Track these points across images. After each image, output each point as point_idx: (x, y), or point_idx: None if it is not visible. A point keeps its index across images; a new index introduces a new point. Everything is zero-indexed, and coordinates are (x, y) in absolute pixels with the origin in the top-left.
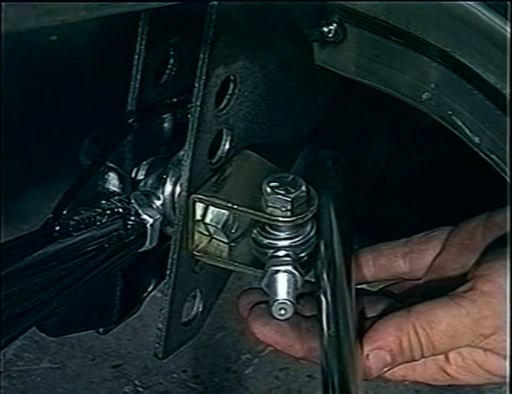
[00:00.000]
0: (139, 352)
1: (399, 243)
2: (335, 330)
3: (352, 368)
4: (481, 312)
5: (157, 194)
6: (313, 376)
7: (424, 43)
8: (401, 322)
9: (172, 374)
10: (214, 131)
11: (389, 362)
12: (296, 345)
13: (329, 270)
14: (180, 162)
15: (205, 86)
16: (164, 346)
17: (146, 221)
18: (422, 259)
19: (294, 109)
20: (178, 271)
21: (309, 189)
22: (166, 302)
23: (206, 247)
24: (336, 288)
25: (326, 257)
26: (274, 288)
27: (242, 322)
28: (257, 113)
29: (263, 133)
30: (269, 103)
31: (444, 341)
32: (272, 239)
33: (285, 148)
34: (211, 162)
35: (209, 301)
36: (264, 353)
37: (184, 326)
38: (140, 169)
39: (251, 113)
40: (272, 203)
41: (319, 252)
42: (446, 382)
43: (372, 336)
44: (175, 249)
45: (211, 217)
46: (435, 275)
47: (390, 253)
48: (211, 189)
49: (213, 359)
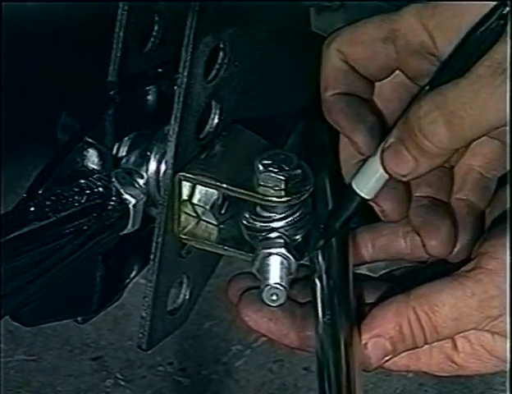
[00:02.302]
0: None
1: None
2: (330, 317)
3: (349, 359)
4: (487, 292)
5: (140, 172)
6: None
7: None
8: (401, 306)
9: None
10: (202, 104)
11: (389, 350)
12: (291, 334)
13: (324, 252)
14: (165, 138)
15: (193, 55)
16: (148, 337)
17: (128, 201)
18: None
19: (288, 81)
20: (163, 255)
21: (304, 166)
22: (150, 289)
23: (193, 229)
24: (332, 272)
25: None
26: (266, 272)
27: (232, 310)
28: (248, 85)
29: (255, 107)
30: (262, 74)
31: (448, 324)
32: (265, 221)
33: (279, 123)
34: (198, 137)
35: (197, 288)
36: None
37: (169, 315)
38: (122, 145)
39: (242, 85)
40: (265, 183)
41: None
42: (454, 372)
43: (369, 324)
44: (159, 232)
45: (198, 198)
46: None
47: (390, 232)
48: (198, 166)
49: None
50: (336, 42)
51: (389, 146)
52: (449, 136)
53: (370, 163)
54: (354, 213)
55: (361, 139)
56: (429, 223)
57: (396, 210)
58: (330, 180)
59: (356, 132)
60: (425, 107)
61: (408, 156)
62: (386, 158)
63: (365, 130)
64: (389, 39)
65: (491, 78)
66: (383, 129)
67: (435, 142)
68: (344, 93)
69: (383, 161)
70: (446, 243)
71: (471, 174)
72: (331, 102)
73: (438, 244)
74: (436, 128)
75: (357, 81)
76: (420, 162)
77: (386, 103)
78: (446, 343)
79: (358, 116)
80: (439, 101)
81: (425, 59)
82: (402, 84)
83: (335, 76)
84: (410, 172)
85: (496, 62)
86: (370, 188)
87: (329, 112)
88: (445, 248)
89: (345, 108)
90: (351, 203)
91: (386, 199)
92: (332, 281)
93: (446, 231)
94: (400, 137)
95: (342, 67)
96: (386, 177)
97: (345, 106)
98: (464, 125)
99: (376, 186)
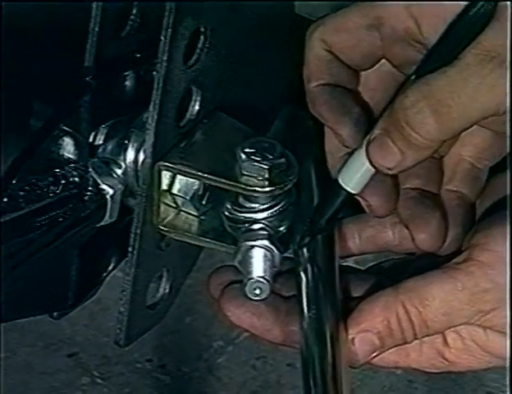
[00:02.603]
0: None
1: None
2: (316, 311)
3: (336, 355)
4: (479, 285)
5: (117, 161)
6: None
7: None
8: (389, 300)
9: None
10: (182, 90)
11: (377, 346)
12: (275, 330)
13: (310, 244)
14: (143, 126)
15: (172, 39)
16: (126, 332)
17: (105, 191)
18: None
19: (272, 67)
20: (142, 248)
21: (288, 155)
22: (128, 283)
23: (173, 221)
24: (318, 264)
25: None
26: (248, 265)
27: (214, 305)
28: (231, 71)
29: (238, 93)
30: (245, 59)
31: (438, 319)
32: (247, 211)
33: (262, 109)
34: (178, 125)
35: (177, 281)
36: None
37: (148, 309)
38: (99, 133)
39: (224, 71)
40: (248, 172)
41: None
42: (445, 368)
43: (357, 318)
44: (138, 224)
45: (178, 188)
46: None
47: (378, 223)
48: (178, 155)
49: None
50: (319, 31)
51: (374, 138)
52: (437, 127)
53: (356, 156)
54: (340, 209)
55: (346, 132)
56: (418, 216)
57: (383, 205)
58: (315, 169)
59: (341, 124)
60: (411, 97)
61: (394, 148)
62: (372, 151)
63: (350, 122)
64: (374, 27)
65: (479, 66)
66: (369, 120)
67: (422, 133)
68: (328, 84)
69: (368, 154)
70: (436, 236)
71: (461, 164)
72: (315, 93)
73: (428, 237)
74: (423, 119)
75: (341, 71)
76: (407, 155)
77: (371, 93)
78: (437, 338)
79: (342, 108)
80: (425, 90)
81: (411, 47)
82: (388, 73)
83: (318, 66)
84: (397, 165)
85: (485, 50)
86: (356, 182)
87: (313, 103)
88: (435, 241)
89: (329, 100)
90: (337, 198)
91: (372, 194)
92: (318, 274)
93: (436, 224)
94: (386, 129)
95: (326, 57)
96: (372, 171)
97: (329, 97)
98: (452, 115)
99: (362, 180)
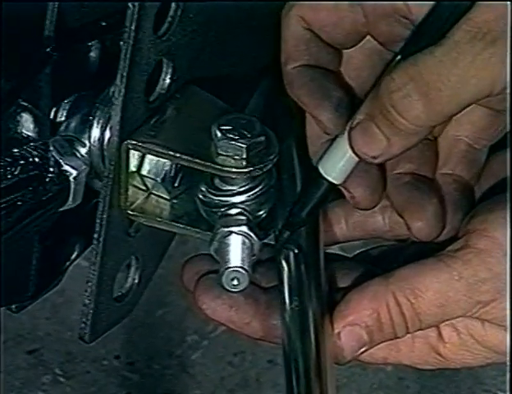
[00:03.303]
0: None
1: None
2: (299, 303)
3: (320, 350)
4: (477, 274)
5: (81, 139)
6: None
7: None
8: (379, 291)
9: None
10: (152, 62)
11: (365, 341)
12: (254, 323)
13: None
14: (109, 101)
15: (141, 6)
16: (91, 327)
17: (68, 173)
18: None
19: (251, 36)
20: (108, 234)
21: (268, 132)
22: (93, 272)
23: (143, 205)
24: (301, 252)
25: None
26: (225, 253)
27: (187, 297)
28: (205, 41)
29: (213, 65)
30: (220, 28)
31: (432, 312)
32: (224, 195)
33: (240, 83)
34: (148, 100)
35: (147, 271)
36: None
37: (116, 301)
38: (61, 109)
39: (198, 41)
40: (224, 151)
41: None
42: (439, 365)
43: (343, 311)
44: (104, 208)
45: (148, 169)
46: None
47: None
48: (148, 133)
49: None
50: (297, 7)
51: (357, 124)
52: (425, 112)
53: (337, 144)
54: (322, 200)
55: (326, 117)
56: (413, 203)
57: (368, 197)
58: (297, 147)
59: (321, 109)
60: (397, 79)
61: (379, 135)
62: (354, 138)
63: (331, 106)
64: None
65: (469, 44)
66: (352, 104)
67: (410, 119)
68: (307, 65)
69: (351, 141)
70: (434, 224)
71: (457, 145)
72: (293, 75)
73: (425, 225)
74: (410, 103)
75: (322, 51)
76: (393, 142)
77: (356, 73)
78: (431, 332)
79: (323, 92)
80: (413, 72)
81: (398, 23)
82: (373, 50)
83: (296, 46)
84: (382, 153)
85: (476, 26)
86: (338, 171)
87: (291, 86)
88: (432, 229)
89: (308, 83)
90: (318, 189)
91: (356, 185)
92: (301, 262)
93: (433, 211)
94: (370, 113)
95: (304, 35)
96: (356, 159)
97: (308, 80)
98: (442, 98)
99: (345, 169)
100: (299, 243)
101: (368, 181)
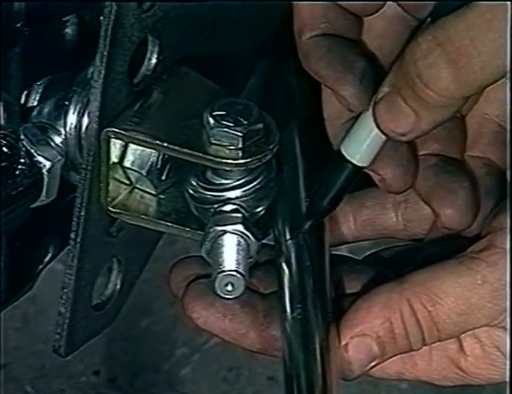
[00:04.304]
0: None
1: None
2: (301, 311)
3: (325, 365)
4: (503, 278)
5: (56, 127)
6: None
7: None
8: (392, 297)
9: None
10: (136, 40)
11: (376, 354)
12: (251, 334)
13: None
14: (88, 83)
15: None
16: (67, 339)
17: (41, 164)
18: (421, 211)
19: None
20: (87, 233)
21: (267, 119)
22: (69, 277)
23: (125, 200)
24: (304, 254)
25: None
26: (218, 255)
27: (176, 304)
28: (195, 16)
29: (204, 43)
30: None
31: (453, 321)
32: (217, 189)
33: (235, 63)
34: (132, 82)
35: (130, 275)
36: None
37: (95, 310)
38: (33, 92)
39: (187, 16)
40: (217, 140)
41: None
42: (460, 380)
43: (351, 320)
44: (82, 204)
45: (132, 160)
46: (440, 233)
47: (377, 203)
48: (131, 120)
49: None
50: None
51: (382, 98)
52: (455, 81)
53: (361, 122)
54: (346, 186)
55: (349, 92)
56: (442, 187)
57: (400, 177)
58: (300, 135)
59: (343, 83)
60: (423, 45)
61: (406, 109)
62: (379, 113)
63: (354, 79)
64: None
65: (506, 5)
66: (377, 76)
67: (437, 90)
68: (324, 35)
69: (376, 117)
70: (466, 211)
71: (486, 125)
72: (310, 47)
73: (456, 213)
74: (437, 72)
75: (341, 18)
76: (422, 116)
77: (378, 43)
78: (450, 344)
79: (344, 63)
80: (441, 36)
81: None
82: (397, 17)
83: (312, 14)
84: (411, 130)
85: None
86: (364, 152)
87: (307, 59)
88: (464, 218)
89: (327, 54)
90: (341, 174)
91: (385, 165)
92: (304, 265)
93: (465, 196)
94: (396, 85)
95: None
96: (383, 138)
97: (326, 51)
98: (474, 66)
99: (371, 150)
100: (301, 239)
101: (399, 160)
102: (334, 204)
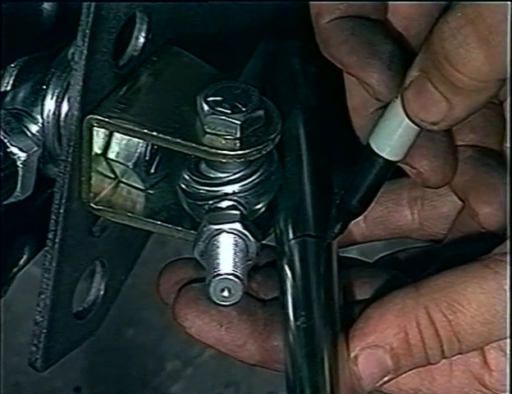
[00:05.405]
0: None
1: (403, 183)
2: (306, 320)
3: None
4: None
5: (32, 114)
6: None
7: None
8: (407, 304)
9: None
10: (122, 17)
11: (390, 367)
12: (250, 345)
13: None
14: (68, 65)
15: None
16: (44, 351)
17: (16, 156)
18: (440, 208)
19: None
20: (66, 233)
21: (268, 105)
22: (47, 282)
23: (110, 196)
24: (309, 255)
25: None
26: (214, 257)
27: (166, 313)
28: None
29: (198, 20)
30: None
31: (476, 331)
32: (212, 184)
33: (233, 43)
34: (117, 64)
35: (115, 280)
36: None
37: (76, 318)
38: (6, 75)
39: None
40: (212, 129)
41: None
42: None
43: (362, 329)
44: (61, 200)
45: (117, 151)
46: (462, 233)
47: (390, 199)
48: (117, 106)
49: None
50: None
51: (411, 82)
52: (487, 62)
53: (391, 111)
54: (377, 183)
55: (376, 79)
56: (480, 182)
57: (438, 170)
58: (305, 123)
59: (369, 69)
60: (452, 22)
61: (436, 95)
62: (408, 101)
63: (381, 64)
64: None
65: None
66: (406, 61)
67: (468, 72)
68: (346, 17)
69: (405, 105)
70: None
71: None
72: (330, 31)
73: (495, 211)
74: (467, 52)
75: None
76: (454, 103)
77: (405, 24)
78: (473, 357)
79: (369, 47)
80: (472, 13)
81: None
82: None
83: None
84: (443, 118)
85: None
86: (395, 145)
87: (327, 45)
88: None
89: (349, 38)
90: (371, 170)
91: (421, 157)
92: (309, 269)
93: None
94: (424, 69)
95: None
96: (415, 129)
97: (349, 34)
98: None
99: (404, 142)
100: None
101: (435, 151)
102: (365, 204)
